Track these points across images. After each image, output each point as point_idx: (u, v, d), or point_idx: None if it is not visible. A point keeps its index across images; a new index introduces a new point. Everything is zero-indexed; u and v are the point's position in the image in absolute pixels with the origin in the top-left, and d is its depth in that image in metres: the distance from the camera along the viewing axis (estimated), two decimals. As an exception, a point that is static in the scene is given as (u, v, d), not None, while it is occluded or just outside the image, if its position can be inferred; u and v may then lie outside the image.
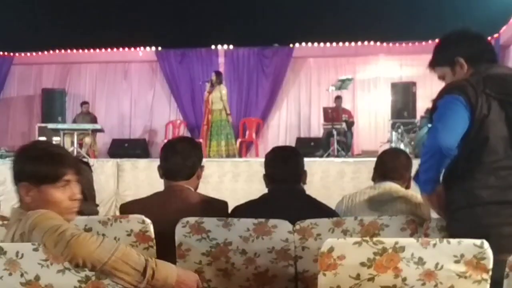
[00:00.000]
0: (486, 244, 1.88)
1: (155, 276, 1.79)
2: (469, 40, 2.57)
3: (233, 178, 8.19)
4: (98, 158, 10.80)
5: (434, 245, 1.89)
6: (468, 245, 1.90)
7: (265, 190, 3.21)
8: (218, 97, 10.51)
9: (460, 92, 2.34)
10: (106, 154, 11.66)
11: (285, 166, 3.11)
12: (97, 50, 13.29)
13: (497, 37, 11.82)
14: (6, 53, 13.41)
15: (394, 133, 10.72)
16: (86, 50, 13.31)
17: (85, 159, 3.29)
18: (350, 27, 12.06)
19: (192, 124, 12.82)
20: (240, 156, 11.25)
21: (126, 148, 11.92)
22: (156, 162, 5.76)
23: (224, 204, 3.22)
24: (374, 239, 1.98)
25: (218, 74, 10.91)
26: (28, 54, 13.51)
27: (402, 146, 10.11)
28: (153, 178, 6.41)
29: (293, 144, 11.61)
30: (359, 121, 12.14)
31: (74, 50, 13.31)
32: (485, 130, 2.28)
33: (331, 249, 1.96)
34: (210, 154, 10.43)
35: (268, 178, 3.14)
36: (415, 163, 6.20)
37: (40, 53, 13.43)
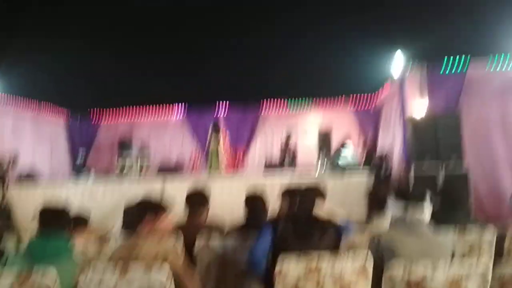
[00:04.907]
0: None
1: None
2: None
3: (231, 187, 8.92)
4: (152, 176, 11.65)
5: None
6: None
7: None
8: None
9: None
10: (156, 174, 12.01)
11: (254, 208, 3.64)
12: (149, 115, 14.28)
13: (376, 99, 12.56)
14: (96, 120, 14.63)
15: (319, 158, 11.75)
16: (142, 112, 14.40)
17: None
18: (292, 94, 13.57)
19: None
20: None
21: (167, 170, 11.90)
22: (185, 178, 8.02)
23: (222, 225, 3.69)
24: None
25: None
26: (109, 119, 14.64)
27: (324, 166, 11.10)
28: (183, 189, 6.72)
29: (262, 166, 12.62)
30: (300, 152, 13.08)
31: (135, 110, 14.32)
32: None
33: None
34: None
35: (246, 214, 3.64)
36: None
37: (115, 118, 14.63)
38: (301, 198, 2.94)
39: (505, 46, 9.14)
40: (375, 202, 3.84)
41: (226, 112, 13.79)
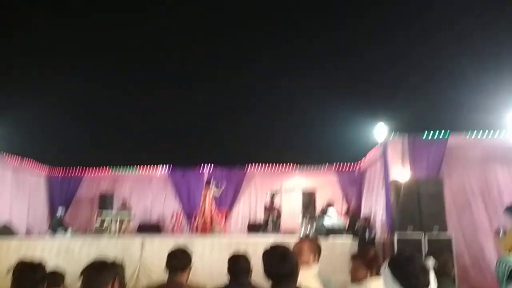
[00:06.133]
0: None
1: None
2: None
3: (212, 248, 8.91)
4: (131, 234, 11.96)
5: None
6: None
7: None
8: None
9: None
10: (135, 232, 12.66)
11: (237, 267, 3.51)
12: (132, 170, 14.42)
13: (360, 164, 13.04)
14: (78, 174, 14.64)
15: (304, 220, 11.78)
16: (125, 169, 14.44)
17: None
18: (278, 157, 14.00)
19: (187, 213, 13.60)
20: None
21: (148, 228, 12.79)
22: (166, 238, 7.85)
23: None
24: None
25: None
26: (91, 173, 14.66)
27: (308, 228, 11.13)
28: (162, 250, 7.78)
29: (245, 226, 13.09)
30: (284, 212, 13.17)
31: (118, 169, 14.45)
32: None
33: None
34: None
35: (229, 273, 3.51)
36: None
37: (98, 172, 14.66)
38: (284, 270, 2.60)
39: (483, 121, 9.44)
40: (361, 265, 3.55)
41: (211, 172, 13.85)
